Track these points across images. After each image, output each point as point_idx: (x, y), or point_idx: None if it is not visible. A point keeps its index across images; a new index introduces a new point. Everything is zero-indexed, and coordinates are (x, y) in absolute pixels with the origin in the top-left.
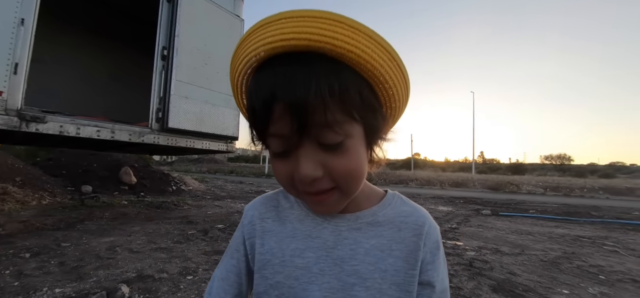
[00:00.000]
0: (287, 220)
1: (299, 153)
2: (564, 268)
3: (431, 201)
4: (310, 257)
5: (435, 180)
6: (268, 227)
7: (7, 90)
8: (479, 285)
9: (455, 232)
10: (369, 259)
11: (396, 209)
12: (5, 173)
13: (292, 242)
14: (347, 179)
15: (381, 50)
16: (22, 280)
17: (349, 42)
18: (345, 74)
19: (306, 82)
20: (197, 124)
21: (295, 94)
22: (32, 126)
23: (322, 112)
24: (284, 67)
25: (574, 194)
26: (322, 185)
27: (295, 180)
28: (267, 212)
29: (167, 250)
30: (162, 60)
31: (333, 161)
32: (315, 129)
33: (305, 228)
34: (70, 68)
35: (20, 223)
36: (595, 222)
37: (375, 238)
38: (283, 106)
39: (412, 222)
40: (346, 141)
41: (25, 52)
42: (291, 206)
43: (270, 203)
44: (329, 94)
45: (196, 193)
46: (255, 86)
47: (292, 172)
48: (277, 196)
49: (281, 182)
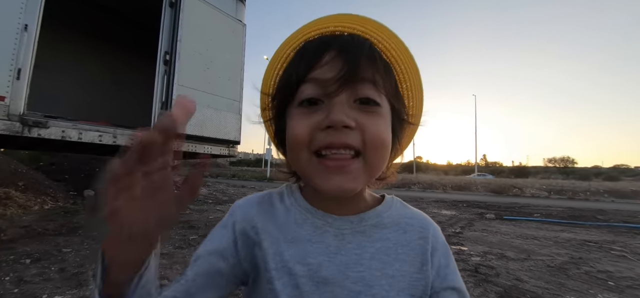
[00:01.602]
0: (285, 224)
1: (335, 101)
2: (571, 274)
3: (434, 205)
4: (312, 263)
5: (437, 184)
6: (264, 229)
7: (9, 95)
8: (486, 291)
9: (459, 237)
10: (375, 264)
11: (399, 211)
12: (8, 178)
13: (290, 247)
14: (375, 144)
15: (411, 60)
16: (21, 287)
17: (393, 45)
18: (387, 64)
19: (362, 45)
20: (199, 129)
21: (352, 48)
22: (35, 131)
23: (371, 70)
24: (341, 36)
25: (579, 197)
26: (349, 139)
27: (318, 132)
28: (262, 214)
29: (168, 255)
30: (164, 64)
31: (366, 120)
32: (359, 82)
33: (305, 232)
34: (73, 73)
35: (22, 229)
36: (602, 226)
37: (380, 241)
38: (336, 52)
39: (417, 225)
40: (382, 106)
41: (28, 57)
42: (287, 210)
43: (264, 205)
44: (380, 64)
45: (198, 197)
46: (310, 44)
47: (317, 123)
48: (270, 198)
49: (298, 137)
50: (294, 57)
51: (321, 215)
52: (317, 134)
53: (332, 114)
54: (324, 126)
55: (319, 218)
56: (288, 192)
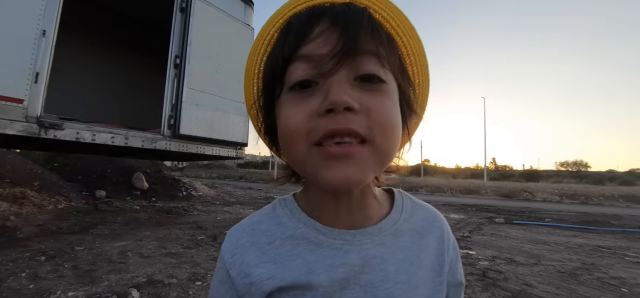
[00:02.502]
0: (293, 254)
1: (332, 80)
2: (583, 280)
3: (442, 209)
4: (335, 290)
5: (445, 187)
6: (268, 273)
7: (28, 98)
8: (493, 296)
9: (468, 241)
10: (400, 277)
11: (412, 213)
12: (24, 178)
13: (309, 280)
14: (385, 127)
15: (415, 34)
16: (37, 283)
17: (394, 16)
18: (390, 37)
19: (361, 14)
20: (207, 131)
21: (348, 17)
22: (51, 133)
23: (371, 40)
24: (332, 6)
25: (592, 202)
26: (354, 124)
27: (316, 120)
28: (260, 255)
29: (177, 255)
30: (174, 68)
31: (371, 100)
32: (360, 55)
33: (322, 259)
34: (87, 76)
35: (37, 227)
36: (616, 232)
37: (401, 251)
38: (329, 22)
39: (431, 225)
40: (388, 83)
41: (46, 62)
42: (292, 234)
43: (260, 237)
44: (382, 34)
45: (206, 198)
46: (297, 16)
47: (313, 110)
48: (262, 226)
49: (293, 128)
50: (279, 35)
51: (337, 233)
52: (314, 121)
53: (331, 94)
54: (323, 111)
55: (337, 239)
56: (285, 212)
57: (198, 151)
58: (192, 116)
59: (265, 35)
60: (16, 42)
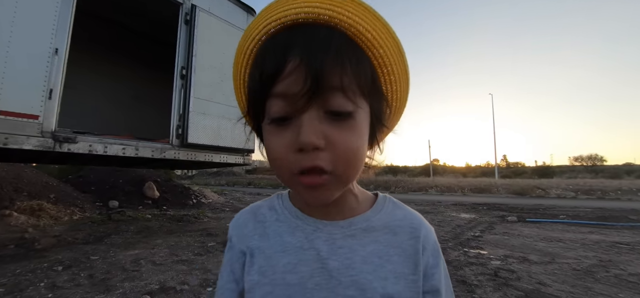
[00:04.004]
0: (276, 234)
1: (303, 118)
2: (599, 278)
3: (452, 208)
4: (304, 271)
5: (455, 186)
6: (255, 244)
7: (43, 114)
8: (505, 296)
9: (479, 240)
10: (367, 268)
11: (389, 213)
12: (41, 191)
13: (283, 257)
14: (347, 159)
15: (393, 42)
16: (55, 292)
17: (369, 27)
18: (360, 52)
19: (327, 42)
20: (214, 139)
21: (316, 52)
22: (65, 146)
23: (338, 75)
24: (304, 31)
25: (609, 197)
26: (319, 161)
27: (292, 153)
28: (253, 229)
29: (188, 262)
30: (181, 79)
31: (337, 135)
32: (327, 91)
33: (296, 240)
34: (98, 90)
35: (54, 238)
36: (635, 227)
37: (371, 244)
38: (299, 61)
39: (407, 226)
40: (354, 114)
41: (59, 78)
42: (278, 218)
43: (255, 218)
44: (348, 60)
45: (215, 205)
46: (270, 44)
47: (290, 144)
48: (261, 209)
49: (275, 157)
50: (256, 61)
51: (312, 221)
52: (290, 155)
53: (301, 135)
54: (296, 148)
55: (310, 225)
56: (278, 202)
57: (206, 159)
58: (199, 125)
59: (244, 48)
60: (30, 61)
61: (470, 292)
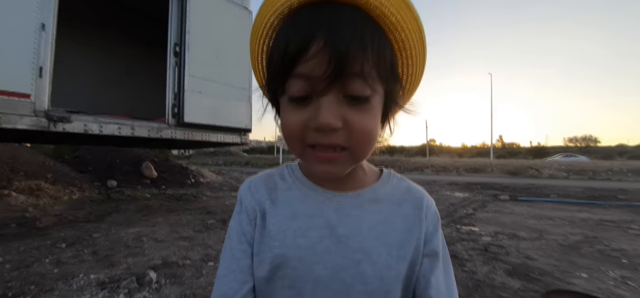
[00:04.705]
0: (287, 202)
1: (323, 100)
2: (584, 252)
3: (447, 187)
4: (314, 236)
5: (451, 166)
6: (267, 208)
7: (34, 93)
8: (494, 269)
9: (471, 218)
10: (374, 234)
11: (394, 186)
12: (38, 171)
13: (293, 223)
14: (362, 140)
15: (416, 26)
16: (60, 268)
17: (393, 9)
18: (383, 37)
19: (353, 28)
20: (211, 118)
21: (340, 36)
22: (59, 126)
23: (360, 61)
24: (330, 10)
25: (600, 177)
26: (336, 140)
27: (309, 130)
28: (265, 194)
29: (189, 238)
30: (174, 56)
31: (354, 117)
32: (348, 77)
33: (306, 208)
34: (90, 68)
35: (55, 217)
36: (622, 206)
37: (377, 214)
38: (323, 45)
39: (410, 198)
40: (371, 99)
41: (48, 55)
42: (289, 187)
43: (267, 184)
44: (371, 46)
45: (214, 185)
46: (294, 22)
47: (306, 122)
48: (272, 177)
49: (291, 133)
50: (278, 37)
51: (322, 191)
52: (307, 131)
53: (319, 116)
54: (314, 127)
55: (320, 195)
56: (288, 171)
57: (203, 138)
58: (195, 104)
59: (265, 19)
60: (16, 37)
61: (460, 266)
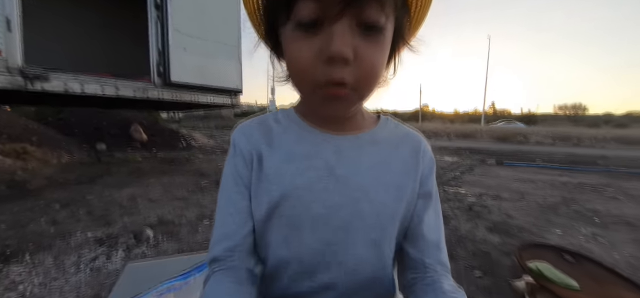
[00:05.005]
0: (282, 144)
1: (335, 27)
2: (560, 212)
3: (437, 152)
4: (312, 176)
5: (442, 132)
6: (263, 151)
7: (4, 48)
8: (476, 226)
9: (458, 181)
10: (372, 174)
11: (392, 130)
12: (22, 134)
13: (291, 164)
14: (370, 76)
15: None
16: (57, 226)
17: None
18: None
19: None
20: (199, 77)
21: None
22: (38, 84)
23: None
24: None
25: (584, 144)
26: (346, 75)
27: (320, 60)
28: (260, 137)
29: (183, 199)
30: (155, 9)
31: (366, 50)
32: (364, 2)
33: (303, 149)
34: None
35: (45, 180)
36: (601, 171)
37: (376, 155)
38: None
39: (408, 141)
40: (384, 30)
41: (14, 5)
42: (285, 130)
43: (261, 128)
44: None
45: (206, 148)
46: None
47: (318, 53)
48: (266, 121)
49: (301, 66)
50: None
51: (319, 133)
52: (318, 65)
53: (332, 44)
54: (325, 58)
55: (317, 136)
56: (283, 115)
57: (192, 100)
58: (181, 62)
59: None
60: None
61: (446, 223)
